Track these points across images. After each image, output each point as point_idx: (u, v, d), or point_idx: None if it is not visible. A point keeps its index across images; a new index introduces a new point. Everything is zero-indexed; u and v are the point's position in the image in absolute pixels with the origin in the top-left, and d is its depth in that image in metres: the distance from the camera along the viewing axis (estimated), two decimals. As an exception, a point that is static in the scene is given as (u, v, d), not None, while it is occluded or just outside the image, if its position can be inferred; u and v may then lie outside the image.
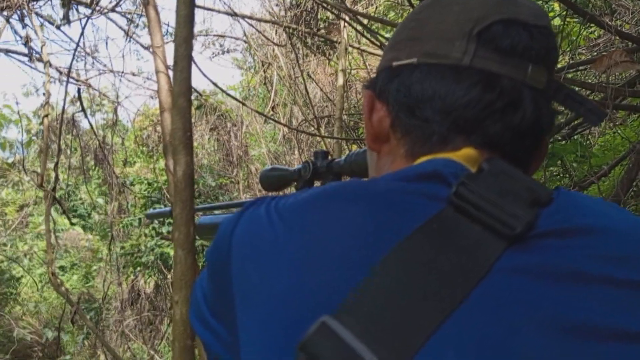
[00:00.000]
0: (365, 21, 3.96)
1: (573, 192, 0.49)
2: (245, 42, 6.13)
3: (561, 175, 4.38)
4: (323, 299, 0.40)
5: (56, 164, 3.81)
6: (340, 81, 4.49)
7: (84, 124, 6.12)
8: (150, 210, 1.41)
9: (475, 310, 0.38)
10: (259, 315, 0.42)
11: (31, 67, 4.12)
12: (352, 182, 0.49)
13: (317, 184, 0.96)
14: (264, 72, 6.24)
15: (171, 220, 1.33)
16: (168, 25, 5.05)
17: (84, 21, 3.83)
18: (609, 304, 0.39)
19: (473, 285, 0.39)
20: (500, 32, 0.50)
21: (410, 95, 0.52)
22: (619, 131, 3.74)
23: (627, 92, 2.81)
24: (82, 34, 4.58)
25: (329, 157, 0.95)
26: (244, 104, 4.59)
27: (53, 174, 3.91)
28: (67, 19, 3.19)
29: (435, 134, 0.51)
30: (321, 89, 6.26)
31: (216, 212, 1.23)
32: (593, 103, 0.52)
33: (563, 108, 0.54)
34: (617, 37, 2.53)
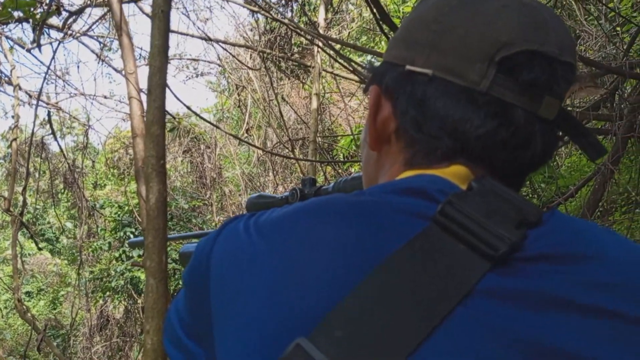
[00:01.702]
0: (337, 47, 4.02)
1: (568, 216, 0.48)
2: (219, 65, 6.15)
3: (530, 196, 4.47)
4: (300, 319, 0.39)
5: (24, 188, 3.72)
6: (314, 104, 4.53)
7: (54, 147, 6.03)
8: (133, 239, 1.39)
9: (453, 333, 0.37)
10: (237, 334, 0.42)
11: (0, 91, 4.05)
12: (336, 197, 0.47)
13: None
14: (238, 95, 6.26)
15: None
16: (141, 49, 5.04)
17: (55, 44, 3.81)
18: (592, 335, 0.38)
19: (452, 307, 0.38)
20: (524, 63, 0.47)
21: (421, 110, 0.50)
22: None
23: (591, 115, 2.90)
24: (53, 57, 4.54)
25: (317, 184, 0.96)
26: (217, 127, 4.57)
27: (21, 198, 3.82)
28: (37, 43, 3.16)
29: (438, 150, 0.50)
30: (295, 112, 6.31)
31: (194, 240, 1.21)
32: (595, 137, 0.51)
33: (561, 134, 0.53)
34: (582, 63, 2.62)
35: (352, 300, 0.39)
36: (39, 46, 3.08)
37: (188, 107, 3.44)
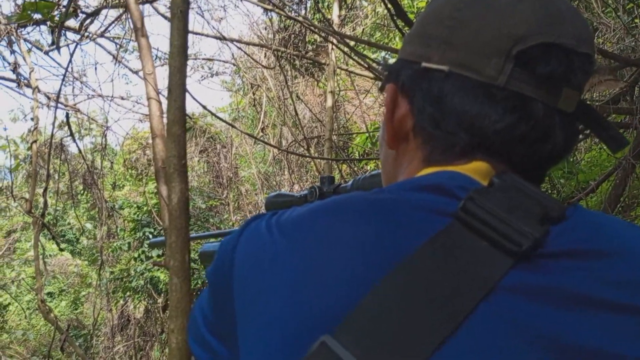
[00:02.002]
0: (352, 43, 4.01)
1: (591, 211, 0.47)
2: (234, 64, 6.18)
3: (549, 191, 4.43)
4: (321, 318, 0.39)
5: (45, 190, 3.77)
6: (329, 102, 4.53)
7: (73, 148, 6.11)
8: (153, 239, 1.40)
9: (477, 330, 0.38)
10: (258, 333, 0.42)
11: (19, 93, 4.10)
12: (355, 195, 0.47)
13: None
14: (253, 94, 6.29)
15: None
16: (157, 50, 5.08)
17: (72, 46, 3.85)
18: (615, 331, 0.38)
19: (476, 304, 0.38)
20: (540, 56, 0.47)
21: (438, 107, 0.50)
22: (605, 147, 3.78)
23: (611, 109, 2.86)
24: (70, 59, 4.60)
25: (335, 182, 0.95)
26: (233, 126, 4.60)
27: (42, 200, 3.87)
28: (56, 45, 3.20)
29: (457, 146, 0.50)
30: (310, 110, 6.31)
31: (213, 240, 1.22)
32: (616, 130, 0.51)
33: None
34: (600, 56, 2.58)
35: (374, 299, 0.39)
36: (58, 48, 3.12)
37: (204, 107, 3.47)
